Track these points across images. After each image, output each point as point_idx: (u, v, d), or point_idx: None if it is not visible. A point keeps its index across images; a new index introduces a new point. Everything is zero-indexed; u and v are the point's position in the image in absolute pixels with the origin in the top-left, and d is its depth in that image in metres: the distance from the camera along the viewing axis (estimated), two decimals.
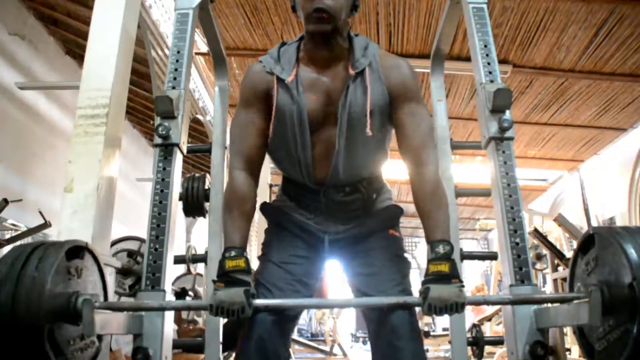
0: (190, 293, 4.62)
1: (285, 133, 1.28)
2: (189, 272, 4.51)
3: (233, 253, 1.17)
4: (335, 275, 1.59)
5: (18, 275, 0.87)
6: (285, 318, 1.22)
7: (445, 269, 1.11)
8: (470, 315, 5.98)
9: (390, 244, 1.35)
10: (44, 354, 0.85)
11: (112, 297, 1.22)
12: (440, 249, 1.14)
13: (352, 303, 1.37)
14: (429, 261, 1.15)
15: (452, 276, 1.10)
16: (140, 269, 2.93)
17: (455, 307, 1.06)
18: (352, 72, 1.26)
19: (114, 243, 3.14)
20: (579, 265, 1.07)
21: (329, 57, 1.28)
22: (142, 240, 3.04)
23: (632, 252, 0.88)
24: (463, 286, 1.10)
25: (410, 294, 1.26)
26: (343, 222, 1.36)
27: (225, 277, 1.14)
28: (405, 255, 1.37)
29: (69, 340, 0.94)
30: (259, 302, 1.13)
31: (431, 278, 1.11)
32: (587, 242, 1.03)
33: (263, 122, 1.30)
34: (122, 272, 3.02)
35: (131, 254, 3.02)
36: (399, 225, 1.43)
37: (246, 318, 1.12)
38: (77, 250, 1.00)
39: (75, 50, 4.86)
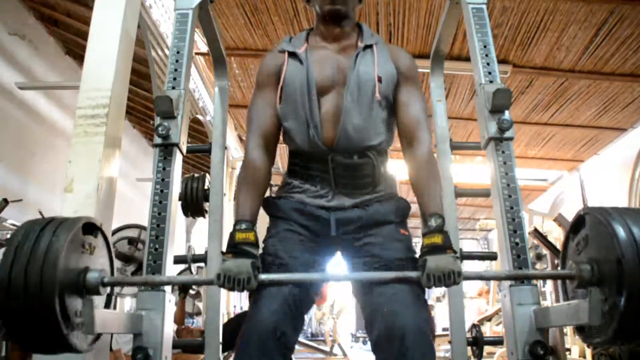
0: (194, 287, 4.65)
1: (293, 97, 1.34)
2: (189, 271, 4.53)
3: (244, 226, 1.23)
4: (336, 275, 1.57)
5: (35, 240, 0.91)
6: (292, 317, 1.19)
7: (438, 241, 1.16)
8: (474, 312, 5.98)
9: (400, 245, 1.32)
10: (54, 315, 0.88)
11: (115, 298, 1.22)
12: (433, 222, 1.20)
13: (354, 277, 1.31)
14: (423, 235, 1.20)
15: (446, 247, 1.15)
16: (141, 255, 2.98)
17: (452, 276, 1.09)
18: (361, 44, 1.39)
19: (114, 232, 3.20)
20: (570, 246, 1.10)
21: (340, 34, 1.41)
22: (141, 228, 3.13)
23: (620, 230, 0.91)
24: (458, 257, 1.17)
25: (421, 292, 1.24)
26: (351, 194, 1.34)
27: (234, 249, 1.18)
28: (415, 255, 1.33)
29: (75, 311, 0.97)
30: (263, 277, 1.15)
31: (426, 250, 1.16)
32: (578, 223, 1.06)
33: (277, 100, 1.38)
34: (124, 259, 3.08)
35: (132, 241, 3.15)
36: (406, 220, 1.43)
37: (250, 289, 1.13)
38: (90, 227, 1.05)
39: (75, 50, 4.87)
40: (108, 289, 1.08)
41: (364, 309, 1.28)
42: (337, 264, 1.45)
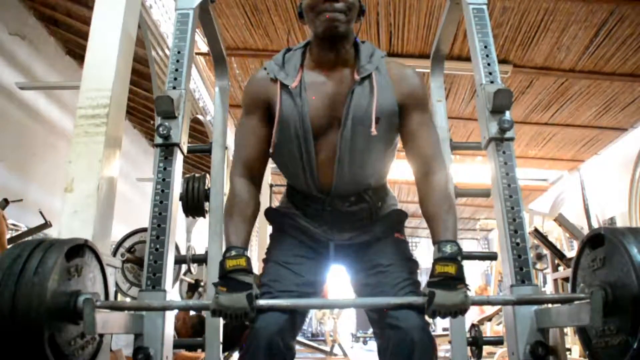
0: (202, 285, 4.63)
1: (289, 140, 1.26)
2: (189, 271, 4.52)
3: (233, 252, 1.17)
4: (336, 277, 1.58)
5: (18, 277, 0.86)
6: (293, 318, 1.20)
7: (451, 271, 1.08)
8: (475, 312, 5.99)
9: (396, 246, 1.34)
10: (44, 358, 0.84)
11: (115, 293, 1.22)
12: (448, 249, 1.12)
13: (356, 303, 1.36)
14: (436, 260, 1.12)
15: (458, 280, 1.08)
16: None
17: (459, 313, 1.06)
18: (357, 77, 1.25)
19: (132, 233, 3.12)
20: (584, 258, 1.07)
21: (336, 61, 1.28)
22: None
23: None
24: (469, 289, 1.09)
25: (419, 292, 1.25)
26: (349, 230, 1.36)
27: (227, 279, 1.12)
28: (413, 257, 1.36)
29: (70, 340, 0.94)
30: (262, 302, 1.13)
31: (436, 281, 1.08)
32: (595, 240, 1.03)
33: (265, 130, 1.30)
34: (142, 264, 2.99)
35: None
36: (404, 229, 1.42)
37: (249, 320, 1.12)
38: (77, 249, 1.00)
39: (76, 50, 4.86)
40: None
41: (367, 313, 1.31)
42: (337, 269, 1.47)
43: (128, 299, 3.36)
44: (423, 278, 1.20)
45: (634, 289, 0.87)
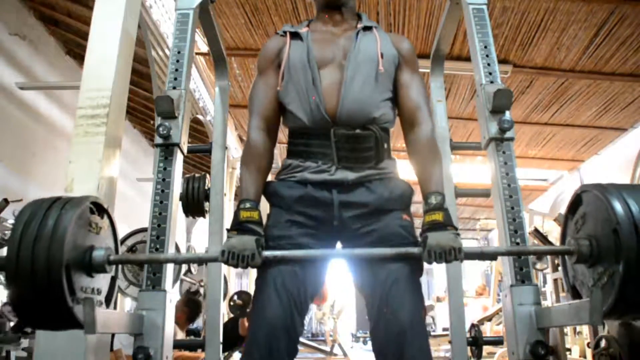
0: (192, 286, 4.63)
1: (295, 73, 1.35)
2: (189, 271, 4.52)
3: (248, 205, 1.24)
4: (336, 276, 1.56)
5: (44, 215, 0.92)
6: (293, 315, 1.19)
7: (439, 218, 1.18)
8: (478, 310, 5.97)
9: (403, 234, 1.29)
10: (60, 287, 0.89)
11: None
12: (433, 200, 1.22)
13: (354, 254, 1.25)
14: (424, 213, 1.21)
15: (447, 224, 1.17)
16: None
17: (453, 252, 1.10)
18: (360, 26, 1.41)
19: (132, 233, 3.12)
20: (569, 226, 1.12)
21: (340, 20, 1.44)
22: None
23: (615, 201, 0.93)
24: (458, 234, 1.16)
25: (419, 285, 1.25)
26: (354, 167, 1.31)
27: (239, 226, 1.19)
28: (418, 239, 1.29)
29: (81, 286, 0.98)
30: (268, 253, 1.16)
31: (427, 227, 1.17)
32: (576, 202, 1.08)
33: (278, 81, 1.39)
34: (141, 264, 3.00)
35: None
36: (410, 207, 1.39)
37: (254, 266, 1.14)
38: (99, 209, 1.07)
39: (76, 50, 4.87)
40: (113, 268, 1.11)
41: (362, 290, 1.29)
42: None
43: (127, 298, 3.36)
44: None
45: (612, 222, 0.92)
